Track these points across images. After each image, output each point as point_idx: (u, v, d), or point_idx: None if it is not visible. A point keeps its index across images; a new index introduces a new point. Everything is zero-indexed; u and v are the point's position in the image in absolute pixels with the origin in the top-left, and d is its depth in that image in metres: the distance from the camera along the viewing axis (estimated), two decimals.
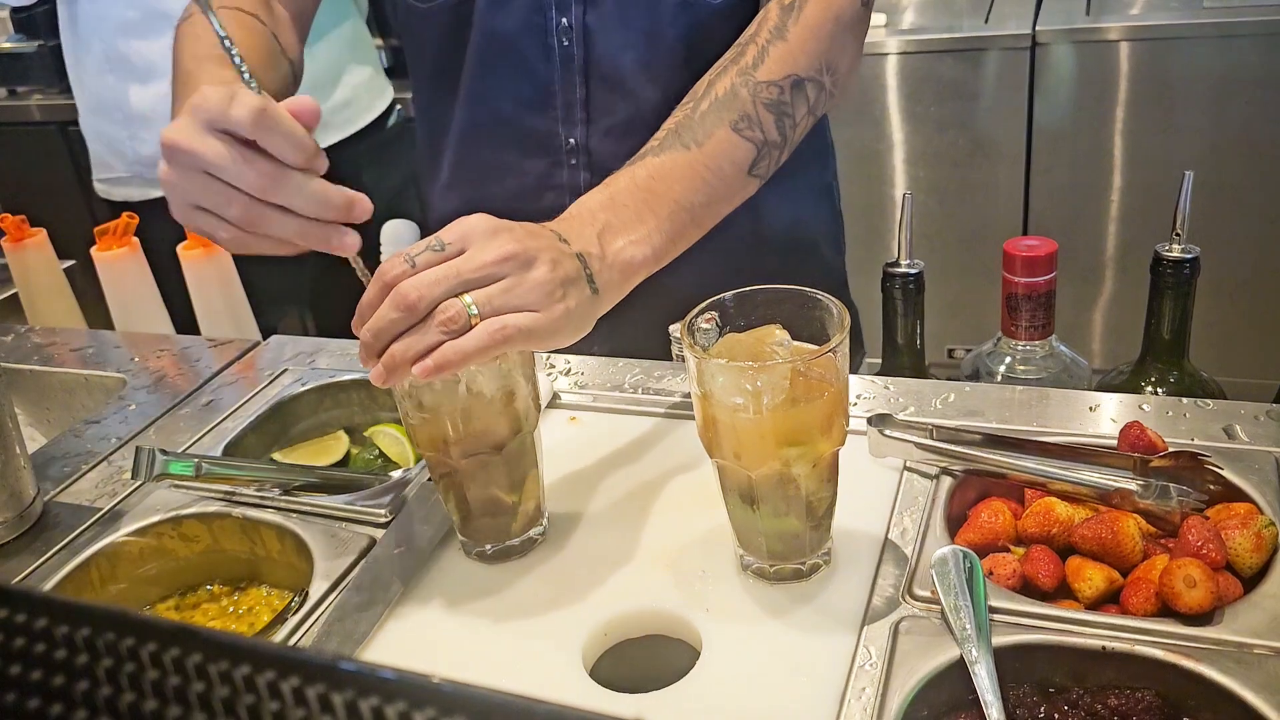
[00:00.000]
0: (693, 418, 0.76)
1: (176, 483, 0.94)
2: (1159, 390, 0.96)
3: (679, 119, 0.89)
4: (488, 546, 0.83)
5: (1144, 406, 0.91)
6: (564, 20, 1.03)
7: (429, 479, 0.89)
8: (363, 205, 0.75)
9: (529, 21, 1.04)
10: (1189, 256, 0.91)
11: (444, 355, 0.70)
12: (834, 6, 0.93)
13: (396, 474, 0.94)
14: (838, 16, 0.93)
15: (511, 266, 0.73)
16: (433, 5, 1.08)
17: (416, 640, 0.77)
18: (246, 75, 0.76)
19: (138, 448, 0.86)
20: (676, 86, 0.96)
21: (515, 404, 0.78)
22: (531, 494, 0.83)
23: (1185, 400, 0.91)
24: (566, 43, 1.04)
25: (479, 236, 0.74)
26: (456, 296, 0.71)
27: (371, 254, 1.25)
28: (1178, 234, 0.91)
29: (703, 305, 0.76)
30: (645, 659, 0.76)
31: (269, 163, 0.72)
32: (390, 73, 2.91)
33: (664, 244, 0.83)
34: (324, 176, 0.74)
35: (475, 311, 0.71)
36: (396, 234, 1.24)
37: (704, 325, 0.75)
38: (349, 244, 0.75)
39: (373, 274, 0.74)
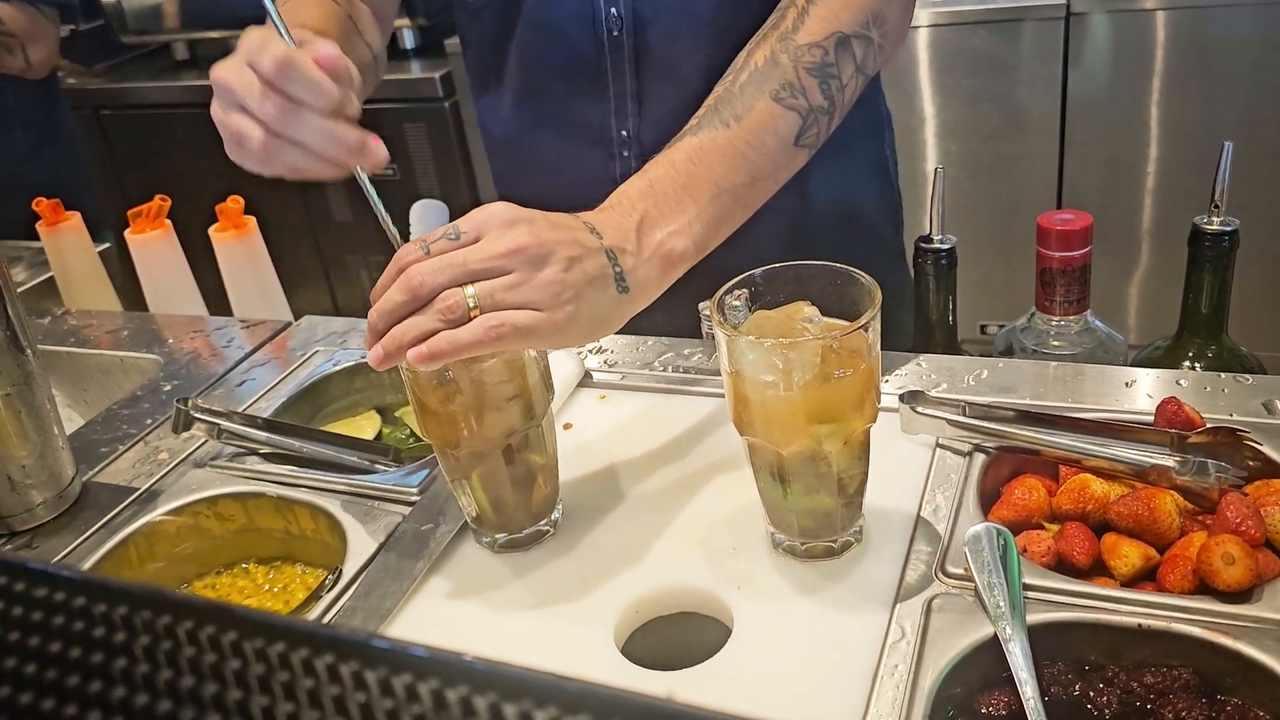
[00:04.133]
0: (723, 396, 0.76)
1: (213, 464, 0.95)
2: (1197, 365, 0.95)
3: (717, 95, 0.86)
4: (501, 536, 0.83)
5: (1181, 382, 0.90)
6: (613, 10, 1.01)
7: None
8: (377, 150, 0.77)
9: (578, 13, 1.02)
10: (1228, 229, 0.89)
11: (437, 344, 0.70)
12: None
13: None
14: None
15: (520, 261, 0.71)
16: (481, 1, 1.07)
17: (446, 618, 0.77)
18: (284, 33, 0.77)
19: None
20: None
21: (526, 394, 0.77)
22: (543, 485, 0.82)
23: (1224, 375, 0.89)
24: (616, 32, 1.02)
25: (495, 226, 0.73)
26: (460, 286, 0.71)
27: (400, 230, 1.25)
28: (1216, 206, 0.89)
29: (732, 282, 0.75)
30: (677, 636, 0.76)
31: (287, 99, 0.75)
32: (419, 52, 2.90)
33: (706, 232, 0.80)
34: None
35: (475, 304, 0.70)
36: (424, 214, 1.24)
37: (734, 302, 0.75)
38: (361, 159, 0.78)
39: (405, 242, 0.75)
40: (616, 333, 1.09)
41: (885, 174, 1.22)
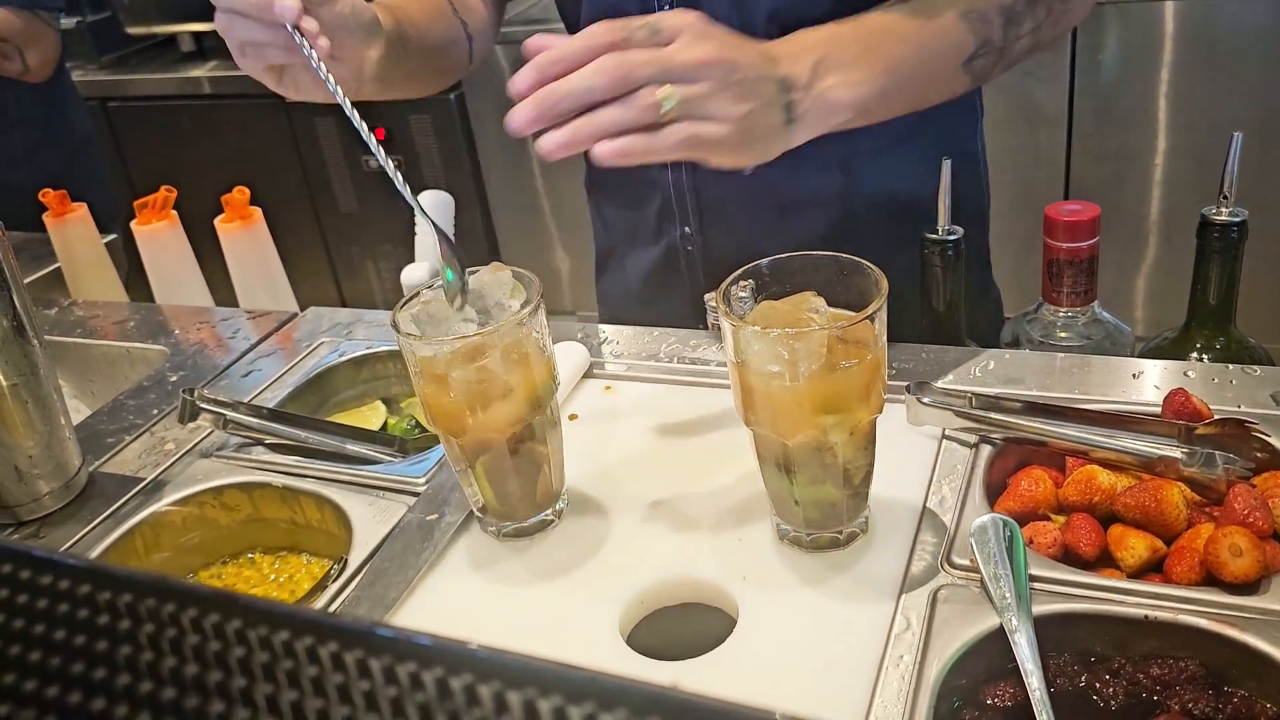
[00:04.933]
0: (729, 386, 0.75)
1: (219, 454, 0.96)
2: (1204, 357, 0.94)
3: None
4: (506, 525, 0.83)
5: (1189, 373, 0.89)
6: (665, 7, 0.99)
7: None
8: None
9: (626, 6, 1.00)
10: (1237, 220, 0.89)
11: (631, 146, 0.70)
12: None
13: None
14: None
15: (714, 72, 0.71)
16: None
17: (451, 608, 0.77)
18: None
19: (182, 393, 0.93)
20: None
21: (532, 384, 0.77)
22: (548, 475, 0.82)
23: (1231, 367, 0.89)
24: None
25: (691, 33, 0.72)
26: (658, 85, 0.70)
27: (406, 229, 1.26)
28: (1225, 196, 0.89)
29: (738, 273, 0.75)
30: (682, 627, 0.76)
31: None
32: None
33: (872, 97, 0.81)
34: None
35: (670, 107, 0.70)
36: (429, 206, 1.24)
37: (740, 293, 0.74)
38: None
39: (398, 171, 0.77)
40: (619, 325, 1.09)
41: (975, 165, 1.18)
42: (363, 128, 0.79)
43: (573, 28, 1.12)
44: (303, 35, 0.80)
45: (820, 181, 1.02)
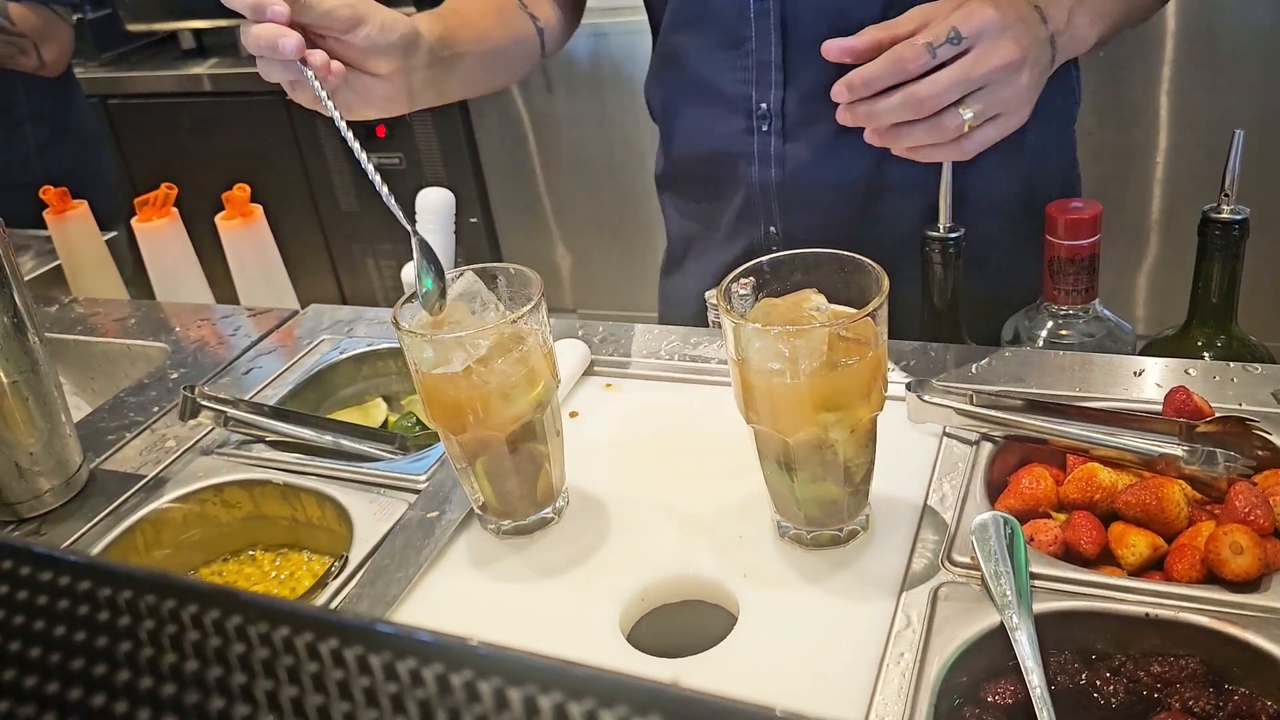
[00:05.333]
0: (730, 384, 0.75)
1: (220, 451, 0.96)
2: (1206, 355, 0.94)
3: None
4: (506, 523, 0.83)
5: (1190, 371, 0.89)
6: None
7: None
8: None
9: None
10: (1239, 218, 0.89)
11: (934, 155, 0.82)
12: None
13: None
14: None
15: (1009, 72, 0.79)
16: None
17: (452, 605, 0.77)
18: None
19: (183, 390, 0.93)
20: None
21: (534, 380, 0.77)
22: (548, 473, 0.82)
23: (1232, 365, 0.89)
24: (763, 1, 0.99)
25: (990, 35, 0.79)
26: (959, 102, 0.79)
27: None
28: (1227, 194, 0.89)
29: (739, 270, 0.75)
30: (682, 624, 0.76)
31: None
32: None
33: (1103, 33, 0.89)
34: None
35: (969, 116, 0.79)
36: (429, 203, 1.24)
37: (740, 290, 0.74)
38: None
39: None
40: (620, 322, 1.09)
41: (1067, 149, 1.17)
42: (363, 157, 0.81)
43: (654, 12, 1.13)
44: (307, 67, 0.83)
45: (909, 168, 0.97)
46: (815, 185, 1.05)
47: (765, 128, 1.04)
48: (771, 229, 1.09)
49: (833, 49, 0.83)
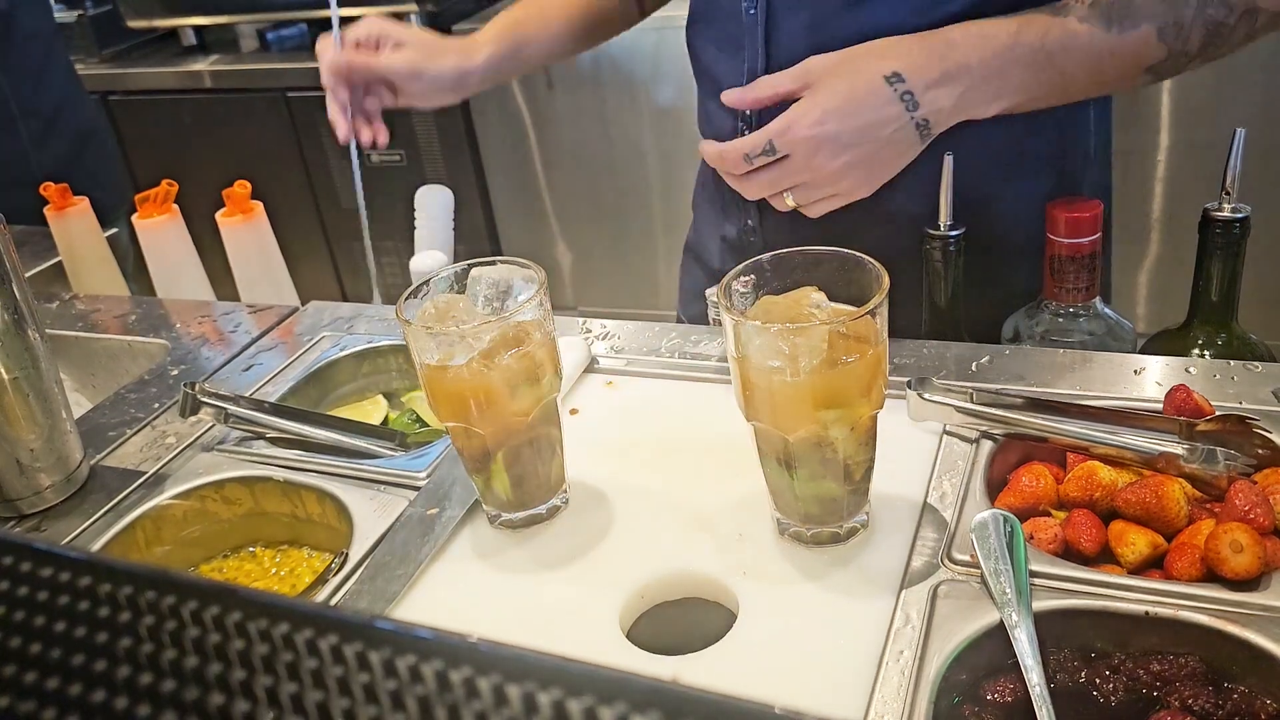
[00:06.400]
0: (730, 381, 0.75)
1: (220, 448, 0.96)
2: (1206, 353, 0.94)
3: None
4: (515, 515, 0.83)
5: (1190, 370, 0.89)
6: None
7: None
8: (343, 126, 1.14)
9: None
10: (1239, 216, 0.89)
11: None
12: None
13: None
14: None
15: (824, 179, 0.87)
16: None
17: (451, 602, 0.77)
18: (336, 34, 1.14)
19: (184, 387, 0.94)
20: None
21: (536, 374, 0.78)
22: (549, 470, 0.82)
23: (1233, 363, 0.89)
24: (753, 10, 1.01)
25: (804, 152, 0.86)
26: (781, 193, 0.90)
27: (406, 216, 1.27)
28: (1228, 193, 0.89)
29: (739, 268, 0.75)
30: (682, 622, 0.76)
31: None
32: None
33: (1015, 105, 0.88)
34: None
35: (792, 203, 0.90)
36: (429, 200, 1.24)
37: (740, 288, 0.74)
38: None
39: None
40: (620, 320, 1.09)
41: (1091, 160, 1.13)
42: (362, 208, 0.92)
43: None
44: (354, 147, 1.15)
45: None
46: None
47: (746, 131, 1.06)
48: (749, 222, 1.12)
49: (730, 98, 0.94)
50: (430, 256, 1.13)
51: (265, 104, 2.77)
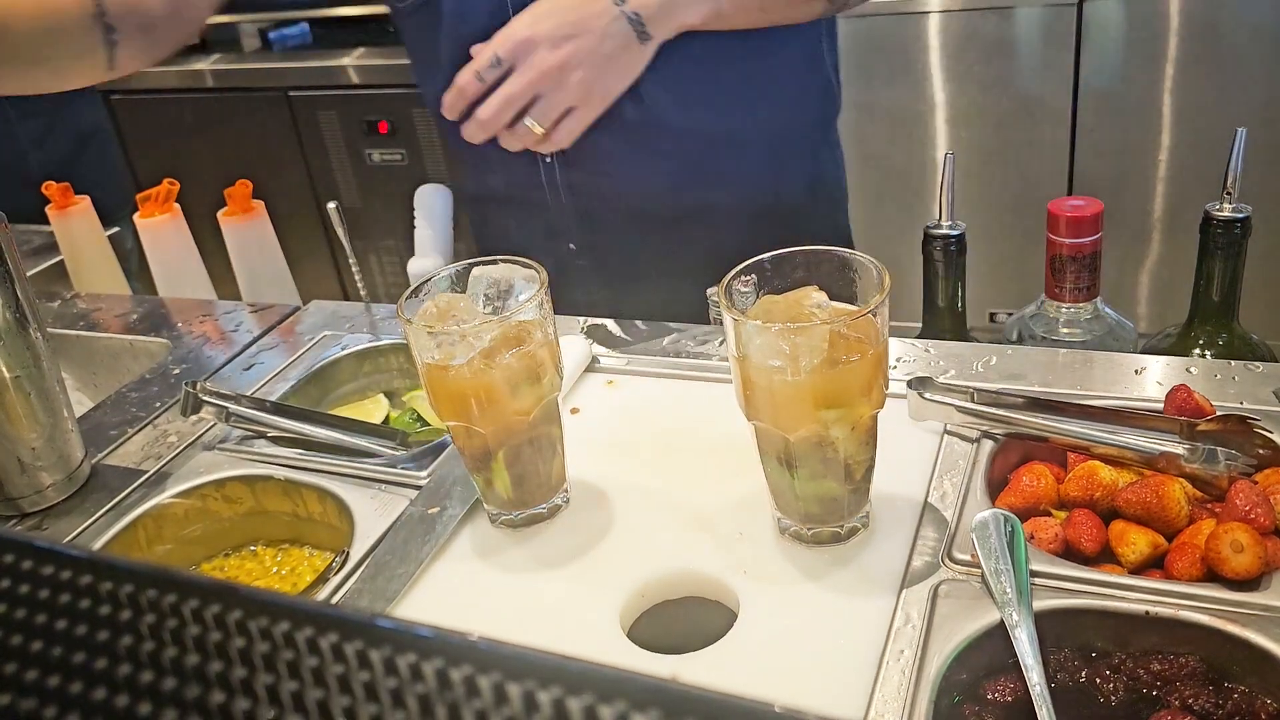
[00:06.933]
0: (730, 381, 0.75)
1: (221, 447, 0.96)
2: (1207, 353, 0.94)
3: None
4: (516, 514, 0.83)
5: (1191, 370, 0.89)
6: None
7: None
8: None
9: (489, 27, 1.00)
10: (1240, 216, 0.89)
11: (542, 146, 0.97)
12: None
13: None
14: None
15: (554, 78, 0.91)
16: (406, 4, 1.12)
17: (452, 601, 0.77)
18: None
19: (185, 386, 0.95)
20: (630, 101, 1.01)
21: (537, 373, 0.78)
22: (550, 469, 0.83)
23: (1234, 363, 0.89)
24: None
25: (525, 52, 0.91)
26: (521, 117, 0.94)
27: (406, 215, 1.27)
28: (1229, 193, 0.89)
29: (740, 267, 0.75)
30: (683, 620, 0.76)
31: None
32: None
33: (720, 14, 0.96)
34: None
35: (533, 125, 0.93)
36: (429, 199, 1.25)
37: (741, 287, 0.74)
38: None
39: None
40: (623, 319, 1.09)
41: (828, 150, 1.25)
42: (355, 267, 1.02)
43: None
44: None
45: (707, 192, 1.13)
46: (605, 208, 1.15)
47: (549, 159, 1.12)
48: (571, 245, 1.17)
49: (448, 106, 0.98)
50: (428, 260, 1.13)
51: (267, 103, 2.77)
